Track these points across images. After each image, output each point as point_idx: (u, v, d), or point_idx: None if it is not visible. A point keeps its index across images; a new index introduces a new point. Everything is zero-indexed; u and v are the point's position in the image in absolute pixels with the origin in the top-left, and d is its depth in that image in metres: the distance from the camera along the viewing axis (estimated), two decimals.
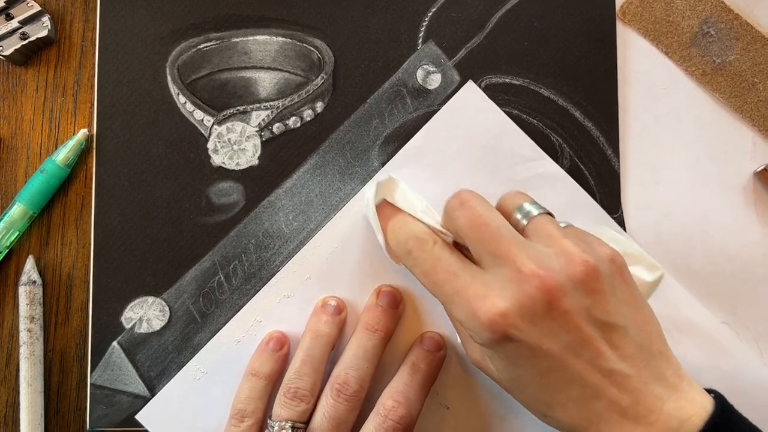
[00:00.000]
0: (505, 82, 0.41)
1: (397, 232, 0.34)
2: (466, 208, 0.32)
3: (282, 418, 0.35)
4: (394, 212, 0.35)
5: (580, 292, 0.29)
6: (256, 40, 0.41)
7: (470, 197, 0.32)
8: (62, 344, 0.40)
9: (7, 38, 0.39)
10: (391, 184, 0.36)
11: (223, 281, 0.39)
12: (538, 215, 0.32)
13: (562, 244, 0.30)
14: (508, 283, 0.29)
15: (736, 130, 0.41)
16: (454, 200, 0.32)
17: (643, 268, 0.35)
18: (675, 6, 0.41)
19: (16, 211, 0.39)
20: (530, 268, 0.29)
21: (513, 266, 0.29)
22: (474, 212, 0.31)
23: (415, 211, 0.34)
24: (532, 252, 0.30)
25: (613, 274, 0.30)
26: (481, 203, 0.32)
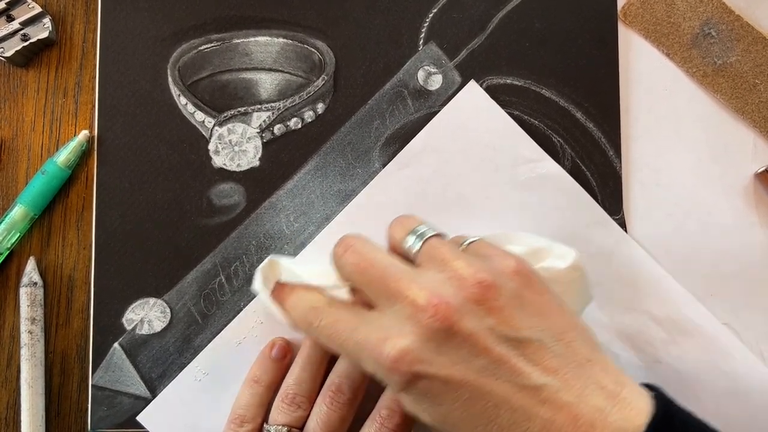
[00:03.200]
0: (506, 83, 0.41)
1: (294, 310, 0.33)
2: (350, 254, 0.31)
3: (278, 422, 0.35)
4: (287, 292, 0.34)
5: (479, 312, 0.28)
6: (257, 41, 0.41)
7: (353, 241, 0.31)
8: (63, 346, 0.40)
9: (8, 40, 0.39)
10: (274, 265, 0.35)
11: (224, 282, 0.39)
12: (428, 239, 0.31)
13: (454, 267, 0.29)
14: (405, 319, 0.28)
15: (737, 131, 0.41)
16: (339, 248, 0.32)
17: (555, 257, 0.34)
18: (676, 7, 0.41)
19: (17, 213, 0.39)
20: (423, 299, 0.28)
21: (406, 301, 0.28)
22: (359, 256, 0.31)
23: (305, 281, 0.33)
24: (423, 282, 0.29)
25: (518, 287, 0.29)
26: (366, 245, 0.31)
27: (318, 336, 0.32)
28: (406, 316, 0.28)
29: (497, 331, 0.28)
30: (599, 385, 0.28)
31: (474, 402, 0.28)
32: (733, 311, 0.40)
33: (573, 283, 0.33)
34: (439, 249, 0.30)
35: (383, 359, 0.28)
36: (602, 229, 0.40)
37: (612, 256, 0.40)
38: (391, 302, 0.29)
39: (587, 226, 0.40)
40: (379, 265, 0.30)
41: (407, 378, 0.28)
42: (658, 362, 0.39)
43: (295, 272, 0.34)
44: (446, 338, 0.28)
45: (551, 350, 0.28)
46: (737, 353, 0.39)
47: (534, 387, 0.27)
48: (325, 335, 0.31)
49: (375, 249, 0.31)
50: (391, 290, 0.29)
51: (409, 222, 0.33)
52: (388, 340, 0.28)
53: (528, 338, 0.28)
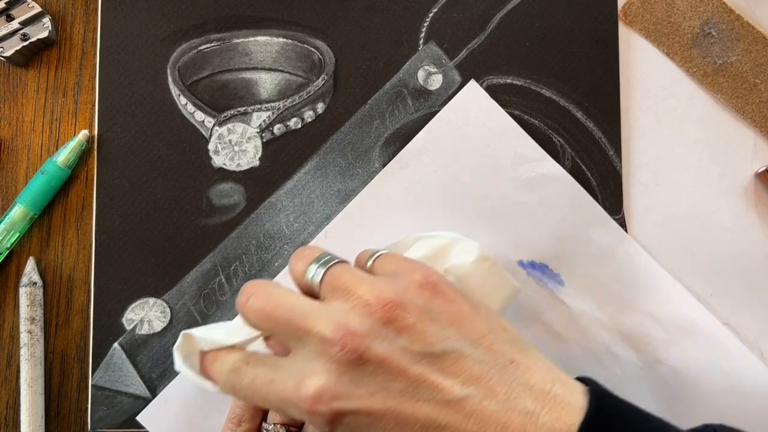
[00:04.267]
0: (506, 82, 0.41)
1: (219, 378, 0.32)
2: (253, 300, 0.30)
3: (276, 421, 0.35)
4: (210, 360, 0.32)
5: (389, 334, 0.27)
6: (257, 41, 0.41)
7: (253, 288, 0.30)
8: (63, 345, 0.40)
9: (8, 39, 0.39)
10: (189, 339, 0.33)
11: (224, 282, 0.39)
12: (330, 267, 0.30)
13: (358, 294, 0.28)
14: (316, 357, 0.27)
15: (738, 131, 0.41)
16: (242, 297, 0.31)
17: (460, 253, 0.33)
18: (676, 7, 0.41)
19: (17, 213, 0.39)
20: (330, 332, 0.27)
21: (315, 338, 0.27)
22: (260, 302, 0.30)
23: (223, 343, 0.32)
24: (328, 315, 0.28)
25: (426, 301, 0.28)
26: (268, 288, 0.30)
27: (245, 398, 0.31)
28: (317, 354, 0.27)
29: (411, 350, 0.27)
30: (526, 386, 0.27)
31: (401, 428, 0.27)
32: (733, 311, 0.40)
33: (486, 275, 0.33)
34: (341, 277, 0.29)
35: (302, 403, 0.27)
36: (602, 229, 0.40)
37: (612, 256, 0.40)
38: (302, 342, 0.28)
39: (587, 226, 0.40)
40: (284, 306, 0.29)
41: (329, 417, 0.27)
42: (658, 362, 0.39)
43: (211, 338, 0.32)
44: (359, 368, 0.27)
45: (471, 357, 0.27)
46: (737, 353, 0.39)
47: (457, 400, 0.27)
48: (249, 395, 0.30)
49: (278, 290, 0.30)
50: (299, 329, 0.28)
51: (308, 253, 0.32)
52: (302, 383, 0.27)
53: (444, 350, 0.27)
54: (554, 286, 0.40)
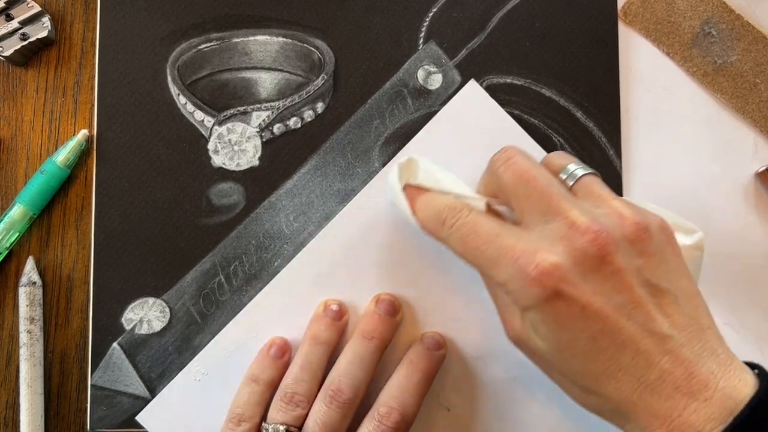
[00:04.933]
0: (506, 82, 0.41)
1: (427, 207, 0.33)
2: (512, 163, 0.31)
3: (277, 421, 0.35)
4: (420, 191, 0.34)
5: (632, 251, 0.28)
6: (256, 40, 0.41)
7: (517, 153, 0.32)
8: (62, 345, 0.40)
9: (8, 39, 0.39)
10: (412, 164, 0.35)
11: (223, 282, 0.39)
12: (585, 175, 0.31)
13: (613, 204, 0.30)
14: (559, 238, 0.28)
15: (738, 130, 0.41)
16: (501, 155, 0.32)
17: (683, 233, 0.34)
18: (676, 6, 0.41)
19: (16, 212, 0.39)
20: (583, 223, 0.28)
21: (564, 221, 0.28)
22: (522, 167, 0.31)
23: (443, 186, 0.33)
24: (583, 209, 0.29)
25: (663, 242, 0.30)
26: (529, 160, 0.31)
27: (449, 236, 0.31)
28: (561, 236, 0.28)
29: (642, 274, 0.28)
30: (714, 352, 0.28)
31: (602, 336, 0.28)
32: (733, 311, 0.40)
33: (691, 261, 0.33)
34: (598, 184, 0.31)
35: (530, 269, 0.28)
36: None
37: None
38: (546, 219, 0.29)
39: None
40: (542, 181, 0.30)
41: (548, 293, 0.28)
42: None
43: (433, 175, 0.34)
44: (597, 267, 0.28)
45: (681, 307, 0.29)
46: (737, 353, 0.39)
47: (662, 335, 0.28)
48: (459, 236, 0.31)
49: (538, 165, 0.31)
50: (550, 206, 0.29)
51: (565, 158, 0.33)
52: (537, 253, 0.28)
53: (667, 289, 0.29)
54: None
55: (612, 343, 0.28)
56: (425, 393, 0.37)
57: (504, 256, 0.29)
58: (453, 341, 0.39)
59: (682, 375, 0.27)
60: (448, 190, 0.33)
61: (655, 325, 0.28)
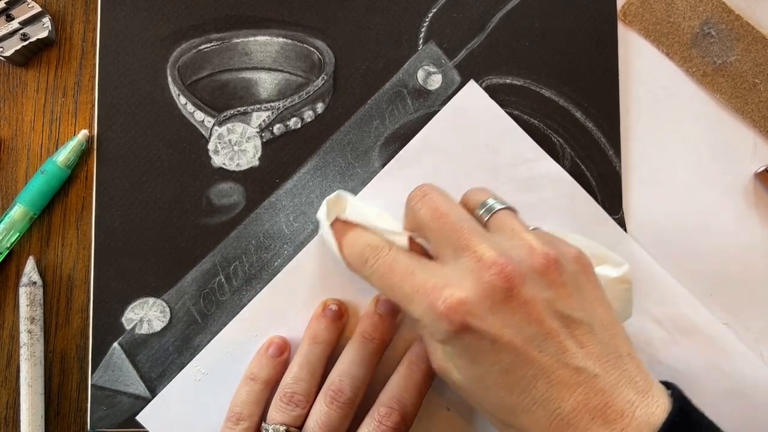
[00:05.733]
0: (505, 82, 0.41)
1: (352, 244, 0.34)
2: (427, 200, 0.32)
3: (276, 421, 0.35)
4: (348, 227, 0.35)
5: (542, 283, 0.29)
6: (256, 40, 0.41)
7: (432, 190, 0.32)
8: (63, 345, 0.40)
9: (8, 39, 0.39)
10: (340, 200, 0.36)
11: (223, 282, 0.39)
12: (501, 210, 0.32)
13: (524, 237, 0.30)
14: (468, 273, 0.29)
15: (737, 130, 0.41)
16: (417, 192, 0.33)
17: (609, 266, 0.34)
18: (676, 7, 0.41)
19: (17, 212, 0.39)
20: (491, 257, 0.28)
21: (473, 256, 0.29)
22: (435, 204, 0.31)
23: (368, 221, 0.34)
24: (492, 242, 0.29)
25: (577, 272, 0.30)
26: (443, 196, 0.32)
27: (371, 274, 0.32)
28: (469, 270, 0.29)
29: (553, 306, 0.28)
30: (632, 380, 0.28)
31: (514, 369, 0.28)
32: (733, 311, 0.40)
33: (619, 294, 0.34)
34: (512, 219, 0.31)
35: (438, 304, 0.28)
36: (602, 229, 0.40)
37: None
38: (457, 254, 0.30)
39: (587, 226, 0.40)
40: (454, 217, 0.31)
41: (457, 328, 0.28)
42: (658, 362, 0.39)
43: (359, 210, 0.35)
44: (504, 299, 0.28)
45: (597, 337, 0.29)
46: (737, 353, 0.39)
47: (576, 367, 0.28)
48: (379, 274, 0.32)
49: (453, 201, 0.32)
50: (460, 242, 0.30)
51: (482, 194, 0.33)
52: (446, 288, 0.29)
53: (580, 319, 0.29)
54: None
55: (524, 375, 0.28)
56: (425, 393, 0.37)
57: (417, 292, 0.30)
58: None
59: (598, 405, 0.27)
60: (373, 225, 0.34)
61: (568, 356, 0.28)
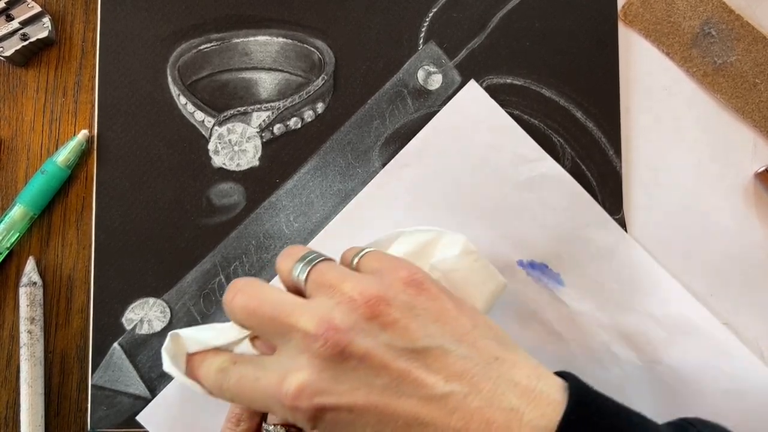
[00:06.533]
0: (506, 82, 0.41)
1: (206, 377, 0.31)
2: (239, 297, 0.30)
3: (277, 421, 0.35)
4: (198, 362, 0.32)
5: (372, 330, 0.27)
6: (256, 40, 0.41)
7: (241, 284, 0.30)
8: (63, 345, 0.40)
9: (8, 39, 0.39)
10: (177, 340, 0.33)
11: (224, 282, 0.39)
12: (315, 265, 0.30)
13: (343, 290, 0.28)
14: (299, 353, 0.27)
15: (738, 130, 0.41)
16: (228, 293, 0.30)
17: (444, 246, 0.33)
18: (676, 7, 0.41)
19: (17, 213, 0.39)
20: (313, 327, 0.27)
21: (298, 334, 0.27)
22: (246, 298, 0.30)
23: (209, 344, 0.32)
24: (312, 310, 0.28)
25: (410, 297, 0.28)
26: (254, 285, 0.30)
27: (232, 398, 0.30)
28: (300, 350, 0.27)
29: (394, 346, 0.27)
30: (511, 383, 0.27)
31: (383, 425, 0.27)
32: (733, 311, 0.40)
33: (471, 268, 0.33)
34: (326, 275, 0.29)
35: (284, 399, 0.27)
36: (602, 229, 0.40)
37: (612, 256, 0.40)
38: (286, 338, 0.28)
39: (587, 226, 0.40)
40: (269, 303, 0.29)
41: (311, 413, 0.27)
42: (658, 362, 0.39)
43: (199, 339, 0.32)
44: (341, 363, 0.27)
45: (454, 354, 0.27)
46: (737, 353, 0.39)
47: (440, 396, 0.26)
48: (235, 395, 0.30)
49: (264, 287, 0.30)
50: (283, 326, 0.28)
51: (295, 252, 0.32)
52: (285, 379, 0.27)
53: (427, 346, 0.27)
54: (554, 286, 0.40)
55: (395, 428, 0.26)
56: None
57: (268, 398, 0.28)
58: None
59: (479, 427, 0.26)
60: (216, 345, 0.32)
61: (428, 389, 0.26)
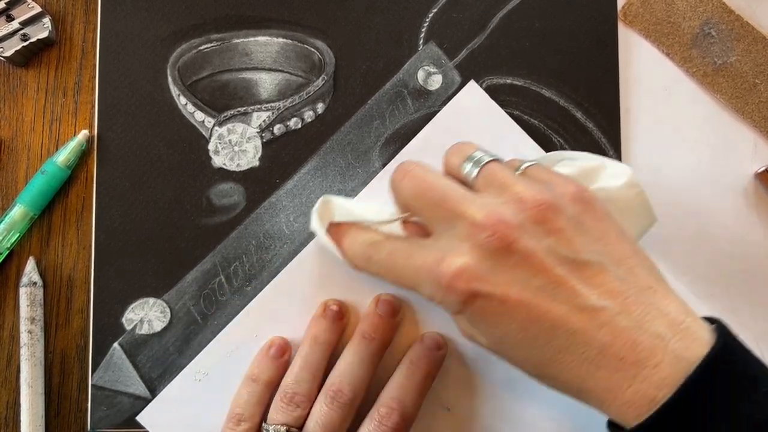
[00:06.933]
0: (506, 83, 0.41)
1: (351, 247, 0.34)
2: (409, 178, 0.31)
3: (277, 422, 0.35)
4: (343, 229, 0.35)
5: (539, 232, 0.28)
6: (257, 41, 0.41)
7: (412, 166, 0.32)
8: (63, 345, 0.40)
9: (8, 39, 0.39)
10: (327, 205, 0.36)
11: (224, 282, 0.39)
12: (487, 164, 0.31)
13: (514, 190, 0.29)
14: (463, 240, 0.28)
15: (738, 131, 0.41)
16: (397, 173, 0.32)
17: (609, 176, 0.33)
18: (676, 7, 0.41)
19: (17, 213, 0.39)
20: (482, 218, 0.28)
21: (464, 222, 0.28)
22: (417, 180, 0.31)
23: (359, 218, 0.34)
24: (481, 203, 0.29)
25: (579, 212, 0.29)
26: (424, 169, 0.32)
27: (377, 271, 0.32)
28: (463, 236, 0.28)
29: (556, 252, 0.28)
30: (661, 312, 0.27)
31: (531, 323, 0.27)
32: (733, 311, 0.40)
33: (631, 201, 0.33)
34: (497, 174, 0.30)
35: (441, 278, 0.28)
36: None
37: None
38: (449, 224, 0.29)
39: None
40: (438, 188, 0.30)
41: (464, 296, 0.28)
42: None
43: (347, 210, 0.35)
44: (504, 257, 0.28)
45: (612, 274, 0.28)
46: None
47: (593, 309, 0.27)
48: (383, 268, 0.32)
49: (434, 173, 0.31)
50: (449, 212, 0.29)
51: (466, 148, 0.33)
52: (444, 260, 0.28)
53: (588, 260, 0.28)
54: None
55: (542, 328, 0.27)
56: (425, 393, 0.37)
57: (420, 272, 0.30)
58: (453, 341, 0.39)
59: (624, 345, 0.26)
60: (365, 220, 0.34)
61: (583, 299, 0.27)
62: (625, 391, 0.26)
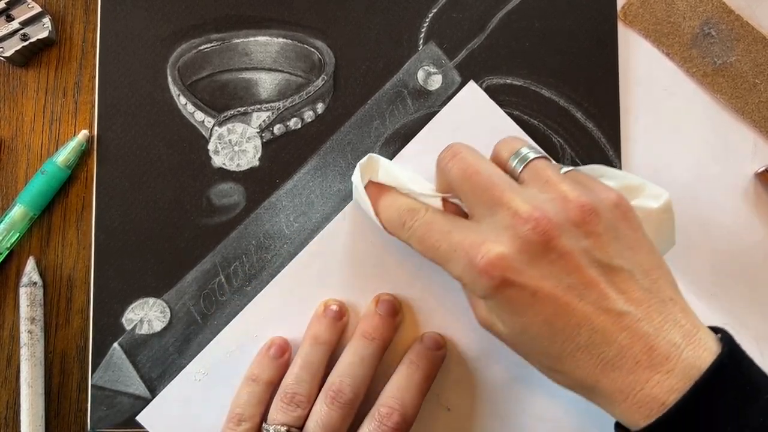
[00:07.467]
0: (506, 82, 0.41)
1: (388, 208, 0.34)
2: (458, 160, 0.32)
3: (278, 422, 0.35)
4: (382, 190, 0.35)
5: (578, 233, 0.29)
6: (257, 41, 0.41)
7: (462, 149, 0.32)
8: (63, 345, 0.40)
9: (8, 39, 0.39)
10: (373, 163, 0.36)
11: (223, 282, 0.39)
12: (534, 159, 0.32)
13: (559, 189, 0.30)
14: (503, 228, 0.29)
15: (738, 131, 0.41)
16: (446, 153, 0.33)
17: (647, 197, 0.34)
18: (676, 7, 0.41)
19: (17, 213, 0.39)
20: (525, 211, 0.29)
21: (507, 211, 0.29)
22: (466, 162, 0.32)
23: (401, 184, 0.35)
24: (525, 196, 0.30)
25: (616, 219, 0.30)
26: (473, 153, 0.32)
27: (409, 237, 0.33)
28: (505, 226, 0.29)
29: (591, 255, 0.29)
30: (677, 324, 0.28)
31: (556, 318, 0.28)
32: (733, 311, 0.40)
33: (661, 223, 0.34)
34: (544, 170, 0.31)
35: (477, 260, 0.29)
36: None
37: None
38: (492, 211, 0.30)
39: None
40: (485, 174, 0.31)
41: (496, 282, 0.29)
42: None
43: (392, 173, 0.35)
44: (542, 252, 0.28)
45: (638, 283, 0.29)
46: None
47: (617, 312, 0.28)
48: (417, 236, 0.32)
49: (483, 158, 0.32)
50: (494, 199, 0.30)
51: (515, 143, 0.33)
52: (483, 245, 0.29)
53: (619, 266, 0.29)
54: None
55: (567, 324, 0.28)
56: (426, 393, 0.37)
57: (455, 251, 0.30)
58: (453, 341, 0.39)
59: (642, 349, 0.28)
60: (407, 187, 0.35)
61: (609, 302, 0.28)
62: (636, 394, 0.27)
